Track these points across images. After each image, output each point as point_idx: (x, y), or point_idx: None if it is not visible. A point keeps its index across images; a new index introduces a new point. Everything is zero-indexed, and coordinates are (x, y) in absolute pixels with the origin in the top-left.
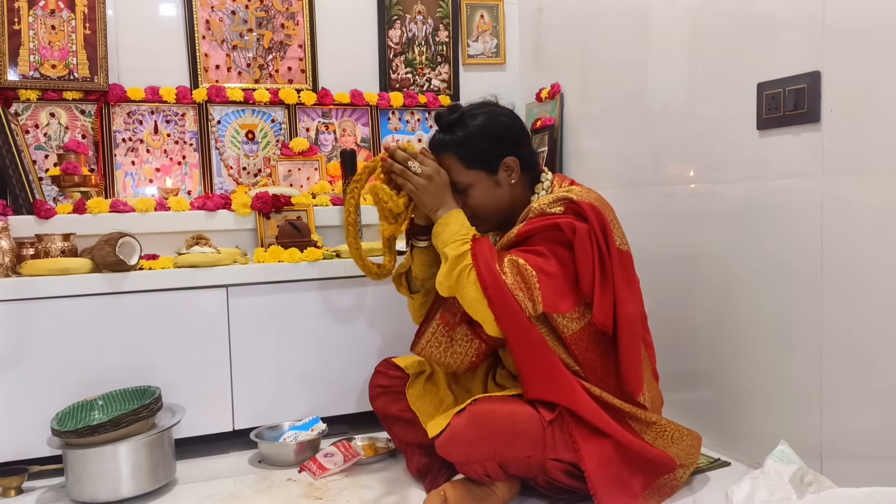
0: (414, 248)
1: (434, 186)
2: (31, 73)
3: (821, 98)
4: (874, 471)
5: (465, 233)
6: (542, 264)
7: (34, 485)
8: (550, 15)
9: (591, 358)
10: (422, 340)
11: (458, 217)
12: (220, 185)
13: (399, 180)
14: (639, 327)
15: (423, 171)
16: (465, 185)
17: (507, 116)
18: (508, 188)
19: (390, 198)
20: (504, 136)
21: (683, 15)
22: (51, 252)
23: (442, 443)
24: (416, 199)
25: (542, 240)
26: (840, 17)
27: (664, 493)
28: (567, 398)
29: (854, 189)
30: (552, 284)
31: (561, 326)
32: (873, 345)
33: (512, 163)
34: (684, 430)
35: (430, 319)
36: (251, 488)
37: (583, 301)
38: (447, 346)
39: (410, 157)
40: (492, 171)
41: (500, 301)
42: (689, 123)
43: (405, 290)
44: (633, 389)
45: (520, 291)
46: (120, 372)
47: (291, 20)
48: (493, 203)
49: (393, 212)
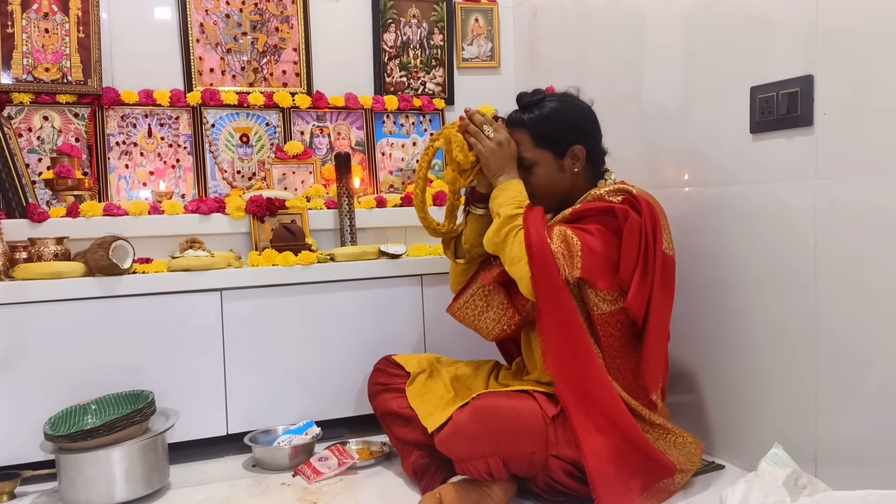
0: (469, 215)
1: (502, 153)
2: (25, 77)
3: (814, 101)
4: (868, 474)
5: (521, 200)
6: (589, 241)
7: (27, 489)
8: (545, 18)
9: (613, 345)
10: (460, 300)
11: (518, 185)
12: (215, 188)
13: (472, 140)
14: (667, 330)
15: (495, 136)
16: (530, 161)
17: (583, 108)
18: (570, 175)
19: (461, 150)
20: (576, 125)
21: (677, 18)
22: (44, 256)
23: (443, 438)
24: (483, 161)
25: (595, 221)
26: (833, 20)
27: (661, 497)
28: (583, 369)
29: (847, 192)
30: (594, 260)
31: (592, 303)
32: (868, 348)
33: (579, 151)
34: (689, 438)
35: (471, 284)
36: (245, 492)
37: (619, 287)
38: (482, 311)
39: (487, 122)
40: (559, 155)
41: (541, 259)
42: (683, 126)
43: (451, 254)
44: (649, 385)
45: (562, 256)
46: (113, 376)
47: (286, 23)
48: (553, 186)
49: (460, 165)
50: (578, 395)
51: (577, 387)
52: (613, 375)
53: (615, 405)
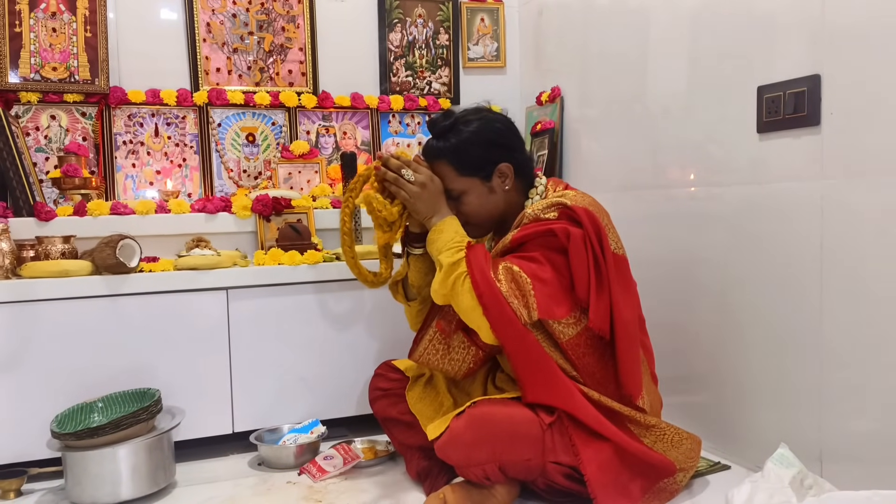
0: (410, 256)
1: (428, 194)
2: (32, 76)
3: (821, 101)
4: (874, 474)
5: (459, 240)
6: (537, 270)
7: (33, 487)
8: (550, 18)
9: (588, 363)
10: (419, 348)
11: (453, 224)
12: (221, 187)
13: (393, 188)
14: (636, 331)
15: (416, 178)
16: (458, 192)
17: (501, 122)
18: (503, 194)
19: (384, 206)
20: (498, 143)
21: (683, 18)
22: (51, 254)
23: (441, 445)
24: (410, 207)
25: (537, 246)
26: (840, 20)
27: (664, 497)
28: (566, 403)
29: (854, 192)
30: (547, 291)
31: (557, 332)
32: (873, 348)
33: (506, 169)
34: (684, 434)
35: (427, 327)
36: (251, 491)
37: (578, 307)
38: (444, 354)
39: (404, 164)
40: (486, 178)
41: (495, 309)
42: (688, 126)
43: (402, 298)
44: (631, 393)
45: (515, 299)
46: (119, 374)
47: (292, 23)
48: (488, 210)
49: (387, 220)
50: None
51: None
52: (597, 389)
53: (602, 426)
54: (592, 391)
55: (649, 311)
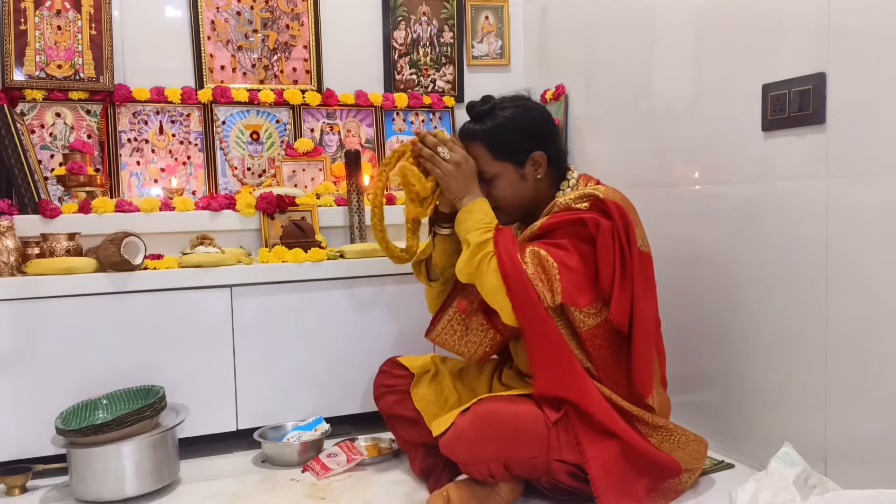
0: (436, 236)
1: (461, 174)
2: (37, 73)
3: (826, 99)
4: (879, 473)
5: (488, 221)
6: (564, 257)
7: (38, 483)
8: (555, 16)
9: (603, 356)
10: (437, 327)
11: (483, 206)
12: (225, 185)
13: (428, 165)
14: (653, 329)
15: (451, 157)
16: (491, 175)
17: (538, 111)
18: (534, 182)
19: (418, 180)
20: (534, 131)
21: (688, 16)
22: (56, 251)
23: (446, 442)
24: (443, 184)
25: (566, 234)
26: (846, 18)
27: (668, 497)
28: (577, 392)
29: (859, 191)
30: (572, 278)
31: (577, 321)
32: (878, 347)
33: (539, 158)
34: (691, 436)
35: (447, 308)
36: (255, 488)
37: (601, 298)
38: (462, 335)
39: (441, 143)
40: (519, 164)
41: (519, 290)
42: (693, 124)
43: (424, 278)
44: (642, 390)
45: (539, 282)
46: (124, 371)
47: (296, 21)
48: (518, 196)
49: (420, 195)
50: (574, 410)
51: (571, 405)
52: (608, 385)
53: (612, 420)
54: (604, 387)
55: None
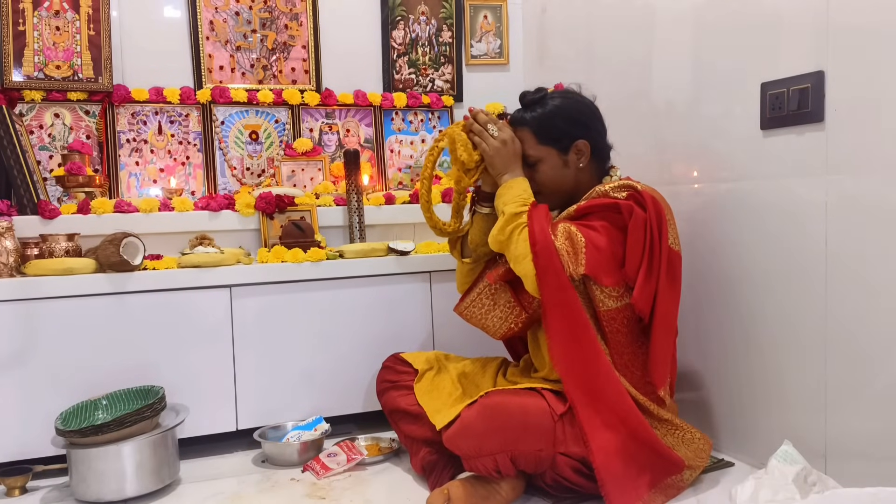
0: (475, 214)
1: (506, 151)
2: (36, 74)
3: (825, 97)
4: (879, 471)
5: (526, 197)
6: (594, 237)
7: (38, 484)
8: (554, 15)
9: (620, 341)
10: (466, 300)
11: (523, 184)
12: (224, 185)
13: (476, 139)
14: (674, 325)
15: (499, 135)
16: (535, 159)
17: (587, 104)
18: (575, 171)
19: (465, 149)
20: (579, 120)
21: (687, 14)
22: (55, 252)
23: (451, 435)
24: (488, 160)
25: (600, 217)
26: (845, 16)
27: (670, 494)
28: (590, 366)
29: (858, 189)
30: (598, 257)
31: (598, 300)
32: (878, 345)
33: (583, 146)
34: (697, 433)
35: (478, 283)
36: (255, 488)
37: (624, 283)
38: (489, 309)
39: (491, 121)
40: (563, 151)
41: (545, 257)
42: (692, 123)
43: (457, 254)
44: (656, 381)
45: (566, 253)
46: (124, 372)
47: (295, 21)
48: (558, 182)
49: (465, 165)
50: (586, 391)
51: (584, 383)
52: (621, 371)
53: (623, 401)
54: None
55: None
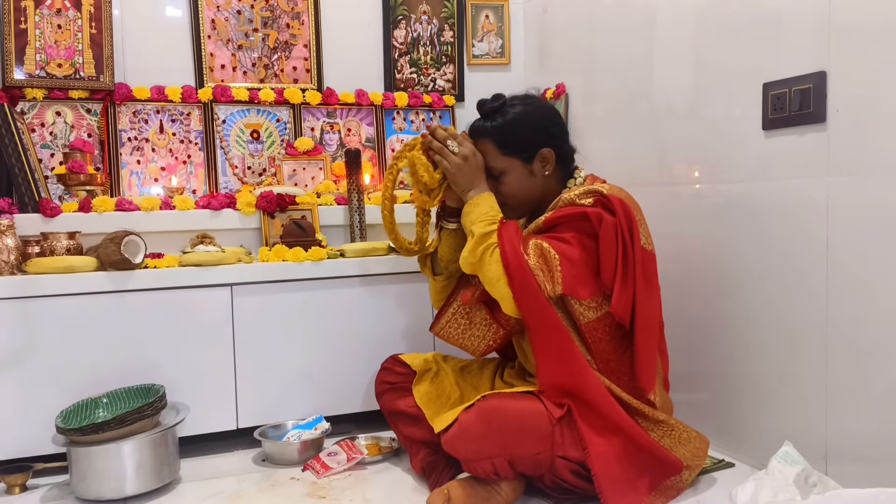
0: (443, 230)
1: (469, 167)
2: (38, 72)
3: (826, 98)
4: (879, 472)
5: (493, 214)
6: (567, 250)
7: (39, 482)
8: (555, 15)
9: (604, 349)
10: (441, 320)
11: (489, 199)
12: (225, 184)
13: (437, 157)
14: (656, 326)
15: (460, 151)
16: (499, 170)
17: (547, 109)
18: (541, 179)
19: (426, 170)
20: (542, 127)
21: (689, 14)
22: (56, 250)
23: (449, 439)
24: (451, 177)
25: (569, 228)
26: (846, 17)
27: (669, 495)
28: (579, 380)
29: (860, 190)
30: (573, 271)
31: (577, 313)
32: (879, 346)
33: (548, 154)
34: (692, 433)
35: (451, 301)
36: (255, 487)
37: (602, 292)
38: (466, 328)
39: (450, 136)
40: (527, 160)
41: (520, 279)
42: (694, 123)
43: (429, 272)
44: (644, 386)
45: (540, 272)
46: (124, 370)
47: (297, 20)
48: (525, 192)
49: (427, 186)
50: (577, 403)
51: (574, 397)
52: (610, 378)
53: (614, 412)
54: (604, 378)
55: None
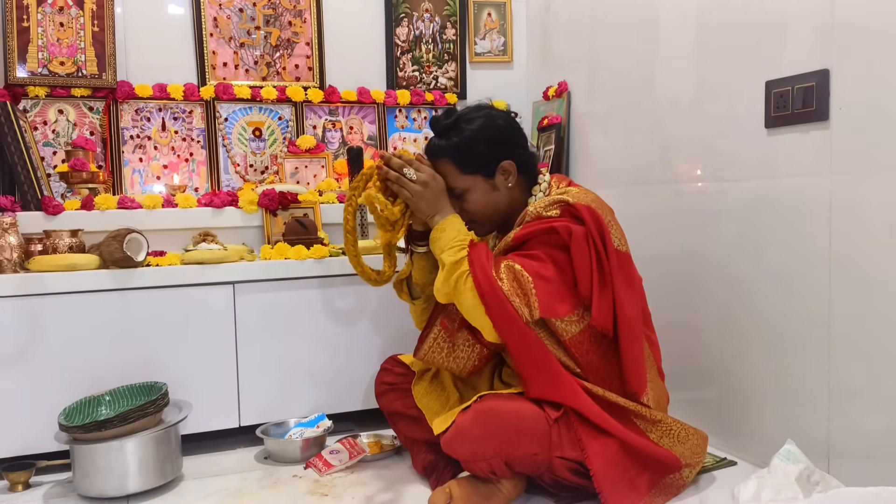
0: (413, 254)
1: (430, 193)
2: (40, 70)
3: (829, 96)
4: (882, 470)
5: (461, 238)
6: (539, 269)
7: (42, 479)
8: (558, 13)
9: (592, 360)
10: (424, 346)
11: (455, 223)
12: (228, 182)
13: (395, 187)
14: (640, 328)
15: (418, 177)
16: (461, 190)
17: (503, 119)
18: (506, 192)
19: (385, 206)
20: (500, 140)
21: (692, 12)
22: (59, 248)
23: (448, 440)
24: (413, 205)
25: (539, 244)
26: (849, 14)
27: (670, 493)
28: (569, 400)
29: (863, 188)
30: (549, 289)
31: (560, 330)
32: (881, 344)
33: (509, 166)
34: (690, 430)
35: (432, 325)
36: (257, 484)
37: (581, 304)
38: (449, 352)
39: (406, 163)
40: (488, 176)
41: (496, 307)
42: (696, 121)
43: (406, 297)
44: (636, 390)
45: (516, 297)
46: (127, 368)
47: (299, 18)
48: (491, 207)
49: (389, 220)
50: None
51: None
52: (602, 386)
53: (606, 422)
54: (597, 387)
55: (656, 307)
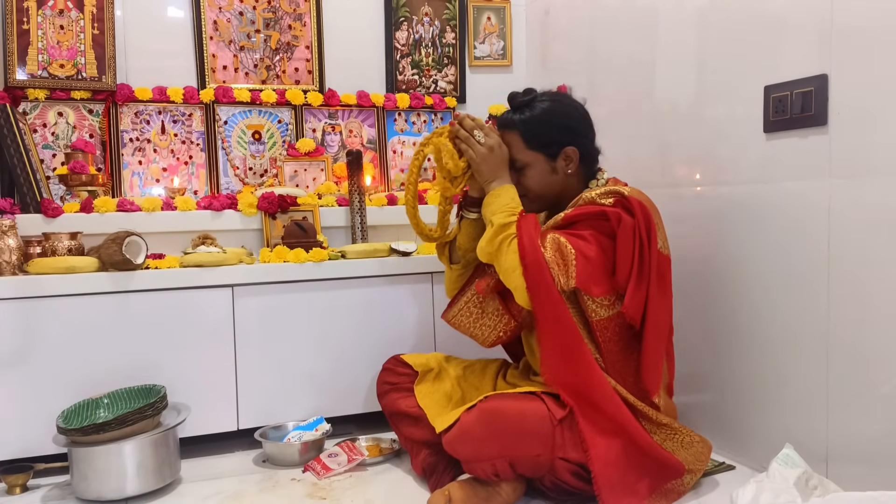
0: (463, 219)
1: (493, 158)
2: (40, 73)
3: (828, 101)
4: (880, 475)
5: (514, 206)
6: (583, 247)
7: (40, 482)
8: (557, 17)
9: (612, 349)
10: (454, 309)
11: (510, 191)
12: (227, 185)
13: (462, 146)
14: (665, 330)
15: (486, 141)
16: (522, 163)
17: (576, 109)
18: (563, 176)
19: (451, 158)
20: (569, 126)
21: (691, 17)
22: (58, 251)
23: (450, 439)
24: (475, 167)
25: (588, 226)
26: (848, 19)
27: (670, 498)
28: (584, 377)
29: (861, 192)
30: (589, 268)
31: (589, 310)
32: (880, 348)
33: (572, 153)
34: (696, 437)
35: (465, 290)
36: (255, 487)
37: (615, 291)
38: (477, 317)
39: (478, 126)
40: (551, 157)
41: (535, 270)
42: (696, 125)
43: (446, 260)
44: (649, 388)
45: (556, 266)
46: (125, 370)
47: (299, 21)
48: (546, 187)
49: (451, 173)
50: (580, 402)
51: (578, 394)
52: (616, 378)
53: (618, 411)
54: (610, 378)
55: None
